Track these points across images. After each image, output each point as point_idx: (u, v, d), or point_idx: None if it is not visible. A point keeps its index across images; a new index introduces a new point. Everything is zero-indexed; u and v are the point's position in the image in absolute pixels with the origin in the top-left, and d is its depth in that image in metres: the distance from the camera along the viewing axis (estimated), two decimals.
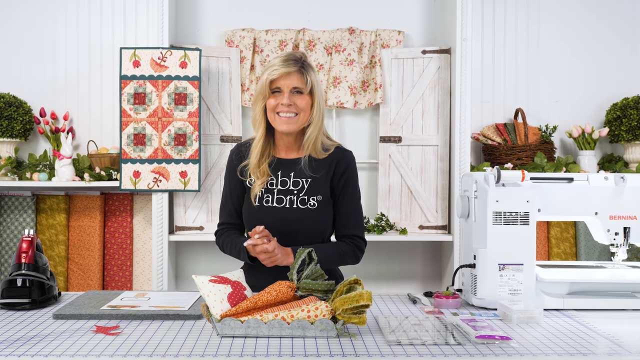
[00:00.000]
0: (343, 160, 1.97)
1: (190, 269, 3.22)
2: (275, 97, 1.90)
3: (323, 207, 1.95)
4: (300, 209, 1.93)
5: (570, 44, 3.25)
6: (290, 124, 1.90)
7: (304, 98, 1.90)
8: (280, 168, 1.96)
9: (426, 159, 3.07)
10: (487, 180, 1.78)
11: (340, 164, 1.96)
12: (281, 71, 1.87)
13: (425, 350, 1.35)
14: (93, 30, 3.18)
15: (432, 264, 3.26)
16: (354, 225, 1.98)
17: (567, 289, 1.77)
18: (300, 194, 1.93)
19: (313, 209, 1.93)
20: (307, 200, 1.93)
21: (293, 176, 1.95)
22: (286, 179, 1.95)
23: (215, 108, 3.06)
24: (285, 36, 3.09)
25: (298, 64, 1.89)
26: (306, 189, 1.93)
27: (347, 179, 1.97)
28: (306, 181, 1.94)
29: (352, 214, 1.98)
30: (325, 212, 1.96)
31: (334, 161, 1.96)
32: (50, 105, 3.16)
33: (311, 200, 1.93)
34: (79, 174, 2.98)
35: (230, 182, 2.03)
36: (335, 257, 1.95)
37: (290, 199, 1.93)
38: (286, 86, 1.89)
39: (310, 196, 1.93)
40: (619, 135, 3.05)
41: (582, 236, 3.01)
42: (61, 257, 3.03)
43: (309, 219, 1.93)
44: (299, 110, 1.90)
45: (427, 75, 3.07)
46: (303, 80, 1.89)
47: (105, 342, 1.40)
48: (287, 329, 1.44)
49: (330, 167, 1.95)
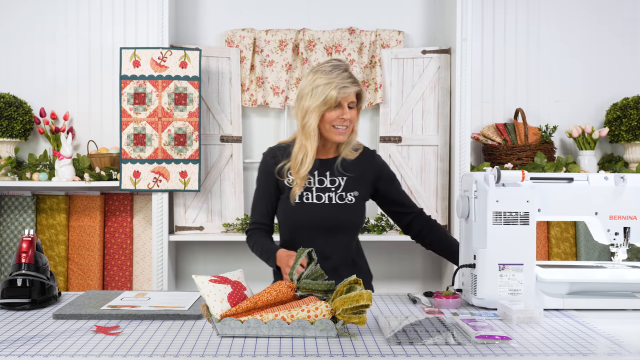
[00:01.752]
0: (377, 161, 2.16)
1: (190, 269, 3.22)
2: (334, 111, 2.03)
3: (359, 202, 2.10)
4: (339, 204, 2.07)
5: (570, 44, 3.25)
6: (344, 136, 2.06)
7: (354, 111, 2.07)
8: (316, 168, 2.10)
9: (426, 159, 3.07)
10: (487, 180, 1.78)
11: (377, 166, 2.15)
12: (351, 90, 2.01)
13: (425, 350, 1.35)
14: (93, 30, 3.18)
15: (432, 264, 3.26)
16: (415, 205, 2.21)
17: (567, 289, 1.77)
18: (338, 191, 2.08)
19: (351, 204, 2.07)
20: (345, 196, 2.08)
21: (329, 175, 2.09)
22: (323, 178, 2.09)
23: (215, 108, 3.06)
24: (285, 36, 3.09)
25: (355, 79, 2.05)
26: (343, 186, 2.08)
27: (389, 175, 2.17)
28: (342, 179, 2.09)
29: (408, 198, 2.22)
30: (361, 208, 2.12)
31: (369, 164, 2.13)
32: (50, 105, 3.16)
33: (349, 196, 2.08)
34: (79, 174, 2.98)
35: (264, 184, 2.14)
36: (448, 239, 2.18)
37: (329, 196, 2.07)
38: (345, 101, 2.03)
39: (347, 192, 2.08)
40: (619, 135, 3.05)
41: (582, 236, 3.01)
42: (61, 257, 3.03)
43: (347, 214, 2.07)
44: (350, 124, 2.06)
45: (427, 75, 3.07)
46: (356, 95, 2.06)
47: (105, 342, 1.40)
48: (287, 329, 1.44)
49: (367, 167, 2.12)
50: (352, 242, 2.13)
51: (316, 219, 2.05)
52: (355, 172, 2.10)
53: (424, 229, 2.17)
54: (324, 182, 2.09)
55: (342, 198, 2.07)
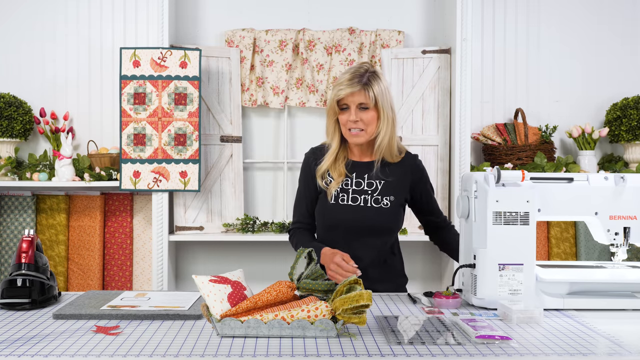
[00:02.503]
0: (418, 166, 2.14)
1: (190, 269, 3.22)
2: (344, 114, 2.05)
3: (395, 207, 2.08)
4: (374, 207, 2.06)
5: (570, 44, 3.25)
6: (359, 138, 2.05)
7: (369, 113, 2.03)
8: (355, 170, 2.11)
9: (426, 159, 3.07)
10: (487, 180, 1.78)
11: (417, 171, 2.13)
12: (346, 92, 2.01)
13: (425, 350, 1.35)
14: (93, 30, 3.18)
15: (432, 264, 3.26)
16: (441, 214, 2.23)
17: (567, 289, 1.77)
18: (374, 194, 2.07)
19: (386, 208, 2.06)
20: (380, 200, 2.06)
21: (367, 178, 2.09)
22: (360, 180, 2.09)
23: (215, 108, 3.06)
24: (285, 36, 3.09)
25: (362, 80, 2.02)
26: (380, 190, 2.07)
27: (427, 182, 2.16)
28: (380, 182, 2.08)
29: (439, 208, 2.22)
30: (397, 212, 2.10)
31: (409, 167, 2.12)
32: (50, 105, 3.16)
33: (384, 200, 2.06)
34: (79, 174, 2.98)
35: (305, 183, 2.17)
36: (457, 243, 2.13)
37: (365, 198, 2.07)
38: (352, 103, 2.02)
39: (383, 196, 2.07)
40: (619, 135, 3.05)
41: (582, 236, 3.01)
42: (61, 257, 3.03)
43: (381, 217, 2.06)
44: (364, 126, 2.03)
45: (427, 75, 3.07)
46: (367, 96, 2.01)
47: (105, 342, 1.40)
48: (287, 329, 1.44)
49: (407, 172, 2.11)
50: (385, 245, 2.11)
51: (349, 221, 2.06)
52: (395, 176, 2.09)
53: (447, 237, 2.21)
54: (362, 185, 2.08)
55: (377, 201, 2.06)
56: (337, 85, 2.04)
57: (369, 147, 2.11)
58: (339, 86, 2.02)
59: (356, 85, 2.00)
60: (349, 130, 2.04)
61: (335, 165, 2.10)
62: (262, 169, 3.24)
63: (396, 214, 2.09)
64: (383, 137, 2.05)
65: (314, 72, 3.10)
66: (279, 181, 3.23)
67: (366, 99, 2.01)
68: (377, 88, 2.02)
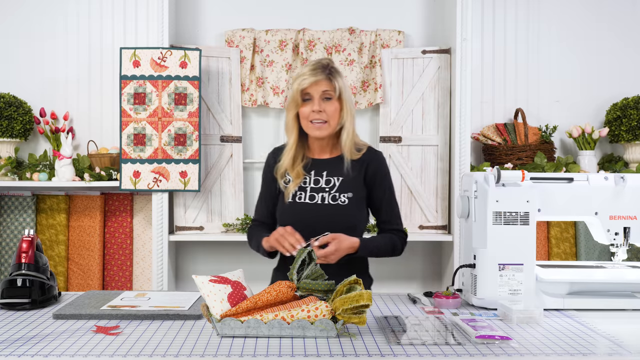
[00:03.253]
0: (374, 161, 2.09)
1: (190, 269, 3.22)
2: (306, 105, 2.03)
3: (354, 204, 2.05)
4: (331, 205, 2.04)
5: (570, 43, 3.25)
6: (322, 130, 2.02)
7: (332, 104, 2.02)
8: (314, 167, 2.09)
9: (426, 159, 3.07)
10: (487, 180, 1.78)
11: (372, 165, 2.08)
12: (310, 80, 1.99)
13: (425, 350, 1.35)
14: (93, 30, 3.18)
15: (432, 264, 3.26)
16: (396, 222, 2.11)
17: (567, 289, 1.77)
18: (331, 192, 2.05)
19: (344, 205, 2.03)
20: (338, 197, 2.04)
21: (326, 175, 2.07)
22: (319, 178, 2.08)
23: (215, 108, 3.06)
24: (285, 36, 3.09)
25: (326, 70, 2.01)
26: (337, 187, 2.05)
27: (381, 179, 2.09)
28: (338, 179, 2.06)
29: (392, 210, 2.11)
30: (357, 209, 2.06)
31: (367, 162, 2.08)
32: (50, 105, 3.16)
33: (342, 197, 2.04)
34: (79, 174, 2.98)
35: (266, 184, 2.18)
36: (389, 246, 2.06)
37: (322, 196, 2.05)
38: (316, 92, 2.01)
39: (341, 193, 2.04)
40: (619, 135, 3.05)
41: (582, 236, 3.01)
42: (61, 257, 3.03)
43: (339, 215, 2.03)
44: (328, 117, 2.02)
45: (427, 75, 3.07)
46: (332, 86, 2.01)
47: (105, 342, 1.40)
48: (287, 329, 1.44)
49: (363, 167, 2.08)
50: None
51: (307, 219, 2.02)
52: (354, 172, 2.06)
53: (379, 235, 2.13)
54: (320, 182, 2.07)
55: (335, 199, 2.04)
56: (300, 76, 2.02)
57: (328, 143, 2.09)
58: (302, 76, 2.01)
59: (320, 74, 2.00)
60: (311, 122, 2.01)
61: (293, 165, 2.08)
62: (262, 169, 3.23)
63: (356, 211, 2.05)
64: (347, 132, 2.04)
65: None
66: None
67: (330, 87, 2.00)
68: (340, 80, 2.03)
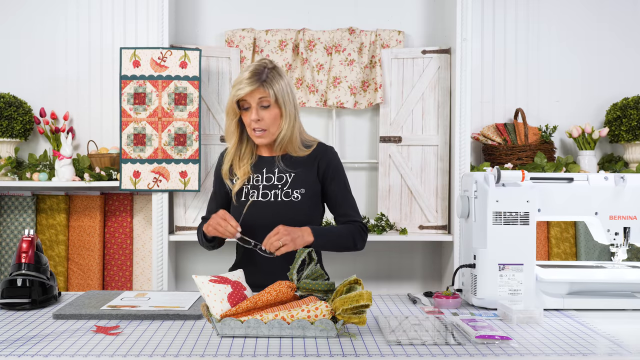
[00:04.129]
0: (325, 156, 2.11)
1: (190, 269, 3.22)
2: (246, 114, 2.05)
3: (308, 199, 2.07)
4: (284, 201, 2.05)
5: (570, 43, 3.25)
6: (263, 138, 2.06)
7: (270, 111, 2.02)
8: (265, 165, 2.11)
9: (426, 159, 3.07)
10: (487, 180, 1.78)
11: (324, 160, 2.09)
12: (245, 90, 1.99)
13: (425, 350, 1.35)
14: (93, 30, 3.18)
15: (432, 264, 3.26)
16: (353, 213, 2.11)
17: (567, 289, 1.77)
18: (284, 188, 2.06)
19: (297, 202, 2.05)
20: (291, 193, 2.05)
21: (277, 172, 2.09)
22: (271, 175, 2.09)
23: (215, 108, 3.06)
24: (285, 36, 3.09)
25: (261, 78, 1.99)
26: (290, 183, 2.06)
27: (334, 173, 2.10)
28: (290, 175, 2.07)
29: (348, 202, 2.11)
30: (310, 204, 2.09)
31: (318, 157, 2.10)
32: (50, 105, 3.16)
33: (295, 193, 2.05)
34: (79, 174, 2.98)
35: (215, 183, 2.22)
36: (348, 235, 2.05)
37: (275, 193, 2.06)
38: (253, 100, 2.01)
39: (294, 189, 2.05)
40: (619, 135, 3.05)
41: (582, 236, 3.01)
42: (61, 257, 3.03)
43: (293, 211, 2.04)
44: (267, 125, 2.03)
45: (427, 75, 3.07)
46: (266, 93, 2.00)
47: (105, 342, 1.40)
48: (287, 329, 1.44)
49: (315, 162, 2.10)
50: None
51: (260, 217, 2.03)
52: (305, 167, 2.08)
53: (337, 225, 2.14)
54: (272, 180, 2.07)
55: (287, 195, 2.05)
56: (237, 84, 2.02)
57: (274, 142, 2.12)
58: (238, 85, 2.00)
59: (255, 83, 1.98)
60: (253, 130, 2.04)
61: (240, 164, 2.10)
62: None
63: (310, 207, 2.07)
64: (284, 135, 2.05)
65: (314, 72, 3.10)
66: None
67: (266, 95, 1.99)
68: (277, 85, 2.01)
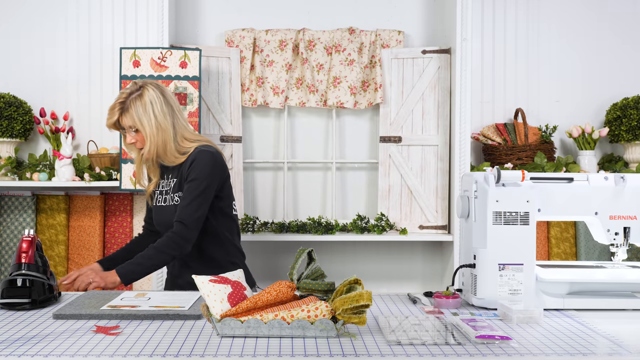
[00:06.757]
0: (187, 161, 2.15)
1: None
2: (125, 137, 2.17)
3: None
4: (170, 205, 2.17)
5: (570, 43, 3.25)
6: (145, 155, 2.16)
7: (139, 134, 2.12)
8: (164, 172, 2.23)
9: (426, 159, 3.07)
10: (487, 180, 1.78)
11: (187, 163, 2.14)
12: (109, 122, 2.12)
13: (425, 350, 1.35)
14: (93, 30, 3.18)
15: (432, 264, 3.26)
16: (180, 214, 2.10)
17: (567, 289, 1.77)
18: (170, 193, 2.19)
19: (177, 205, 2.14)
20: (173, 198, 2.17)
21: (170, 177, 2.20)
22: (168, 181, 2.21)
23: (215, 108, 3.06)
24: (285, 36, 3.09)
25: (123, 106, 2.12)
26: (172, 188, 2.18)
27: (189, 174, 2.12)
28: (173, 181, 2.19)
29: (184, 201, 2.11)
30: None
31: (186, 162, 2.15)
32: (50, 105, 3.16)
33: (175, 197, 2.16)
34: (79, 174, 2.98)
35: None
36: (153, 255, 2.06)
37: (168, 198, 2.19)
38: (124, 125, 2.13)
39: (174, 194, 2.16)
40: (619, 135, 3.05)
41: (582, 236, 3.01)
42: (61, 257, 3.03)
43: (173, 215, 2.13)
44: (142, 145, 2.14)
45: (427, 75, 3.07)
46: (127, 121, 2.10)
47: (105, 342, 1.40)
48: (287, 329, 1.44)
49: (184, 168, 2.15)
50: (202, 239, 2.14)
51: (163, 220, 2.17)
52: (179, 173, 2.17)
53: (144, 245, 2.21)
54: (169, 185, 2.20)
55: (172, 199, 2.17)
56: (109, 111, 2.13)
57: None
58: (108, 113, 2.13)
59: (116, 114, 2.10)
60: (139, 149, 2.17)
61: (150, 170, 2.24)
62: (262, 169, 3.24)
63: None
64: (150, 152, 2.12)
65: (314, 72, 3.10)
66: (279, 181, 3.23)
67: (131, 122, 2.09)
68: (133, 111, 2.09)
